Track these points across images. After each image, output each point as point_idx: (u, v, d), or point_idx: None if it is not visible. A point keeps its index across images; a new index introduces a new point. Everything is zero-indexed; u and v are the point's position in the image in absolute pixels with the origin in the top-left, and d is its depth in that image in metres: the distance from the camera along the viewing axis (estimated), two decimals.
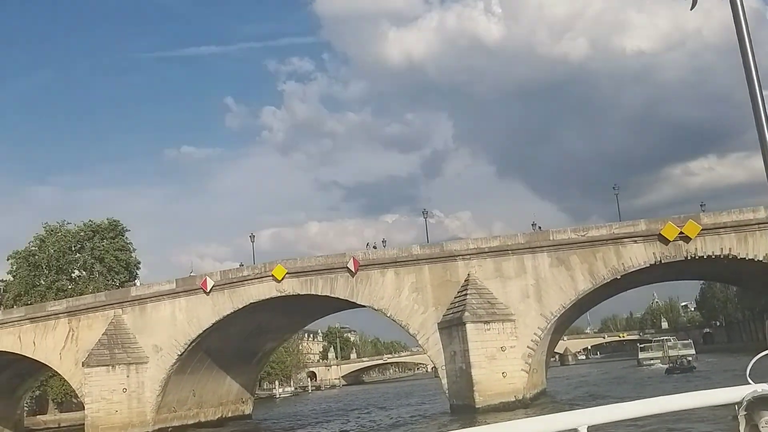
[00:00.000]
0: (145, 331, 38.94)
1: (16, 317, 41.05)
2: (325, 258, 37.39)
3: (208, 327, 38.03)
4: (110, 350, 37.83)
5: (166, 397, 38.88)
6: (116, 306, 39.54)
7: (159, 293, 39.29)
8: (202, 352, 39.94)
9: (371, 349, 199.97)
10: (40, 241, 73.89)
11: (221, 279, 38.33)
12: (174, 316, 38.67)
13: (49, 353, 40.07)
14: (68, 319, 40.01)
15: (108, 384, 37.04)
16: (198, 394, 41.88)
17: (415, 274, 36.36)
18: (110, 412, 36.82)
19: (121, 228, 77.07)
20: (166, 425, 39.11)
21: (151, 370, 38.32)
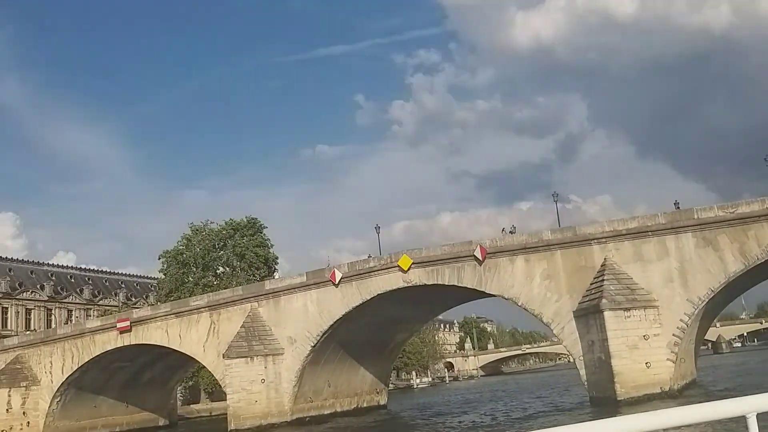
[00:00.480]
0: (280, 323, 39.92)
1: (162, 312, 43.42)
2: (451, 247, 36.60)
3: (338, 318, 38.36)
4: (248, 342, 39.09)
5: (302, 387, 39.67)
6: (252, 299, 40.81)
7: (291, 286, 40.13)
8: (335, 343, 40.39)
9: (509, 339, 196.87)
10: (187, 241, 78.13)
11: (349, 271, 38.54)
12: (306, 308, 39.35)
13: (193, 346, 42.06)
14: (209, 313, 41.79)
15: (247, 375, 38.29)
16: (333, 384, 42.46)
17: (546, 261, 34.78)
18: (250, 402, 38.05)
19: (259, 225, 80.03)
20: (304, 415, 39.92)
21: (287, 361, 39.22)
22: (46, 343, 46.64)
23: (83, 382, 46.74)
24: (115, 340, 44.32)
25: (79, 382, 46.52)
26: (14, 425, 44.97)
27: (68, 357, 45.61)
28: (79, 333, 45.87)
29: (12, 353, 47.33)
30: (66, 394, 46.32)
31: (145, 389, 52.15)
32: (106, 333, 44.67)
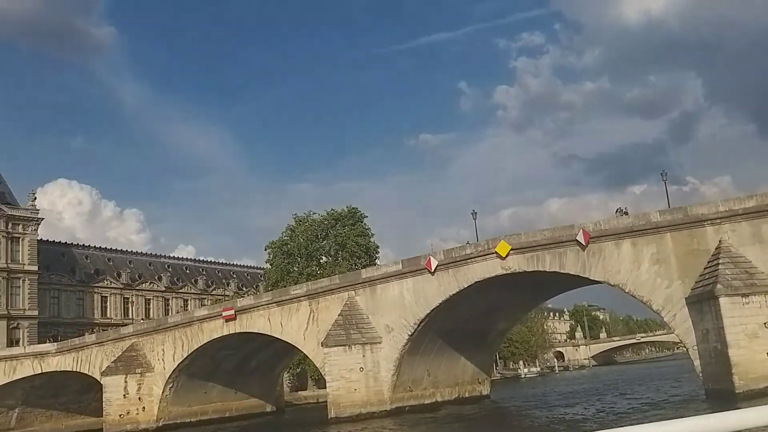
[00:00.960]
0: (377, 311, 39.69)
1: (264, 301, 44.23)
2: (552, 231, 35.02)
3: (435, 307, 37.67)
4: (346, 330, 39.11)
5: (401, 376, 39.32)
6: (349, 288, 40.81)
7: (387, 274, 39.80)
8: (433, 332, 39.75)
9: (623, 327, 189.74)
10: (291, 231, 79.72)
11: (445, 258, 37.73)
12: (402, 296, 38.90)
13: (294, 334, 42.60)
14: (309, 302, 42.16)
15: (346, 363, 38.33)
16: (432, 374, 41.88)
17: (655, 244, 32.61)
18: (349, 390, 38.08)
19: (360, 215, 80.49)
20: (403, 404, 39.59)
21: (385, 349, 38.97)
22: (159, 332, 48.63)
23: (193, 369, 48.42)
24: (221, 329, 45.58)
25: (189, 369, 48.23)
26: (131, 410, 47.21)
27: (178, 345, 47.37)
28: (188, 321, 47.52)
29: (128, 341, 49.68)
30: (178, 381, 48.14)
31: (252, 376, 53.52)
32: (213, 321, 46.02)
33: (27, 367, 52.45)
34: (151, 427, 47.00)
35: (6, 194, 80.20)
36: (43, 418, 56.26)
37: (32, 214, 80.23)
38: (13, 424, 54.69)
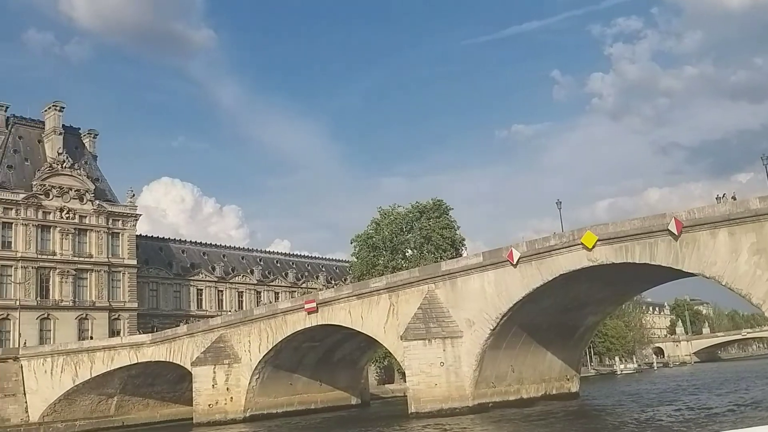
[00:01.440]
0: (457, 305, 38.77)
1: (345, 294, 44.16)
2: (642, 220, 33.02)
3: (518, 300, 36.39)
4: (426, 324, 38.41)
5: (484, 372, 38.29)
6: (429, 281, 40.07)
7: (467, 267, 38.79)
8: (516, 326, 38.48)
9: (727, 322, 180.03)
10: (376, 225, 79.76)
11: (528, 250, 36.35)
12: (483, 289, 37.81)
13: (374, 327, 42.29)
14: (388, 295, 41.72)
15: (425, 357, 37.66)
16: (517, 369, 40.61)
17: (755, 233, 30.16)
18: (430, 385, 37.40)
19: (445, 207, 79.56)
20: (486, 400, 38.56)
21: (466, 344, 38.02)
22: (245, 323, 49.49)
23: (278, 360, 49.02)
24: (303, 321, 45.88)
25: (274, 361, 48.85)
26: (219, 400, 48.29)
27: (264, 337, 48.05)
28: (272, 314, 48.12)
29: (216, 332, 50.84)
30: (263, 372, 48.85)
31: (336, 368, 53.75)
32: (296, 314, 46.40)
33: (124, 357, 54.60)
34: (238, 417, 47.93)
35: (106, 192, 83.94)
36: (140, 406, 58.52)
37: (131, 211, 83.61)
38: (113, 411, 57.17)
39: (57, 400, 54.12)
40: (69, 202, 77.78)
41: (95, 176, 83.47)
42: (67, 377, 54.50)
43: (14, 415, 53.01)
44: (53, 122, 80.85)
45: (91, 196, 79.53)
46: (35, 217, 74.97)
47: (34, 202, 74.94)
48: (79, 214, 78.47)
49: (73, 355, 55.08)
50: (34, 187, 75.67)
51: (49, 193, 76.53)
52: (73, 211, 77.79)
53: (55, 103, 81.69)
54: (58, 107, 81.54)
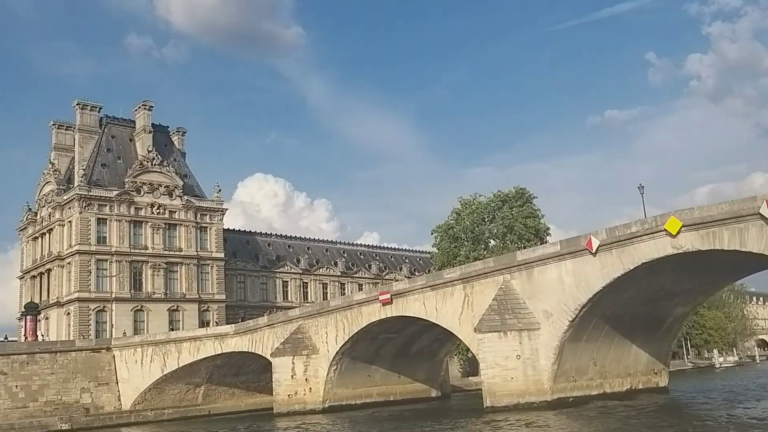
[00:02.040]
0: (534, 296, 37.36)
1: (419, 285, 43.46)
2: (731, 204, 30.63)
3: (597, 291, 34.64)
4: (501, 316, 37.22)
5: (563, 365, 36.76)
6: (504, 271, 38.80)
7: (544, 256, 37.26)
8: (597, 318, 36.71)
9: None
10: (456, 214, 78.55)
11: (607, 237, 34.49)
12: (561, 279, 36.22)
13: (449, 319, 41.42)
14: (462, 286, 40.74)
15: (501, 350, 36.50)
16: (599, 363, 38.81)
17: None
18: (506, 378, 36.23)
19: (528, 195, 77.43)
20: (566, 395, 37.03)
21: (544, 336, 36.59)
22: (322, 315, 49.66)
23: (356, 352, 48.93)
24: (378, 312, 45.53)
25: (352, 352, 48.79)
26: (298, 390, 48.71)
27: (340, 328, 48.05)
28: (348, 305, 48.02)
29: (295, 323, 51.28)
30: (341, 363, 48.89)
31: (415, 360, 53.22)
32: (371, 305, 46.10)
33: (209, 348, 55.97)
34: (317, 408, 48.19)
35: (194, 187, 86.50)
36: (227, 395, 59.93)
37: (218, 205, 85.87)
38: (200, 400, 58.79)
39: (147, 389, 56.08)
40: (159, 198, 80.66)
41: (183, 172, 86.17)
42: (156, 367, 56.39)
43: (108, 402, 55.31)
44: (143, 121, 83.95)
45: (179, 192, 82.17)
46: (128, 213, 78.14)
47: (126, 198, 78.09)
48: (169, 209, 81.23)
49: (161, 345, 56.93)
50: (126, 184, 78.86)
51: (141, 189, 79.56)
52: (163, 207, 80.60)
53: (145, 103, 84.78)
54: (147, 106, 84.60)
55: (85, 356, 55.73)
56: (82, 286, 73.44)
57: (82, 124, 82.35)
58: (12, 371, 51.60)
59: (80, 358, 55.37)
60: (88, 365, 55.51)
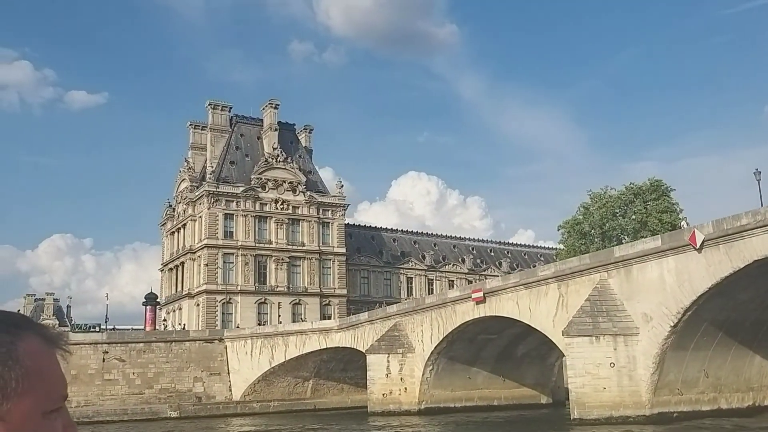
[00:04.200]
0: (633, 297, 33.22)
1: (512, 283, 40.37)
2: None
3: (702, 292, 30.07)
4: (593, 318, 33.45)
5: (665, 376, 32.39)
6: (601, 269, 34.90)
7: (643, 252, 32.99)
8: (707, 323, 31.97)
9: None
10: (585, 209, 73.75)
11: (714, 231, 29.82)
12: (662, 278, 31.88)
13: (542, 320, 38.07)
14: (557, 284, 37.24)
15: (592, 357, 32.78)
16: (712, 375, 33.85)
17: None
18: (597, 388, 32.49)
19: (665, 188, 71.15)
20: (669, 409, 32.60)
21: (643, 342, 32.41)
22: (417, 312, 47.79)
23: (452, 352, 46.61)
24: (471, 311, 42.96)
25: (448, 353, 46.53)
26: (393, 389, 47.18)
27: (435, 326, 45.95)
28: (442, 303, 45.81)
29: (393, 320, 49.81)
30: (438, 364, 46.77)
31: (521, 364, 49.88)
32: (465, 303, 43.60)
33: (314, 342, 55.93)
34: (413, 409, 46.41)
35: (318, 183, 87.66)
36: (335, 390, 59.71)
37: (340, 201, 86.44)
38: (308, 394, 58.99)
39: (256, 381, 57.02)
40: (283, 193, 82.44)
41: (308, 169, 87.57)
42: (265, 359, 57.20)
43: (219, 392, 56.84)
44: (270, 119, 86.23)
45: (303, 188, 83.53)
46: (253, 209, 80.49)
47: (252, 194, 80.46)
48: (292, 204, 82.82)
49: (269, 338, 57.68)
50: (252, 180, 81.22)
51: (265, 185, 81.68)
52: (286, 203, 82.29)
53: (271, 101, 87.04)
54: (273, 105, 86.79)
55: (199, 346, 57.60)
56: (209, 278, 76.54)
57: (213, 123, 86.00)
58: (130, 359, 54.33)
59: (194, 348, 57.31)
60: (201, 355, 57.33)
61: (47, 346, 1.35)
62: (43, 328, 1.40)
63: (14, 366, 1.27)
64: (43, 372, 1.31)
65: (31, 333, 1.34)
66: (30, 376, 1.28)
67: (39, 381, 1.29)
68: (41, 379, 1.30)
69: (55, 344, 1.38)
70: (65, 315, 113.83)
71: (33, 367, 1.29)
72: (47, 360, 1.33)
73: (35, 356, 1.31)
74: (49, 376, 1.31)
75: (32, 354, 1.31)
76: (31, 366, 1.29)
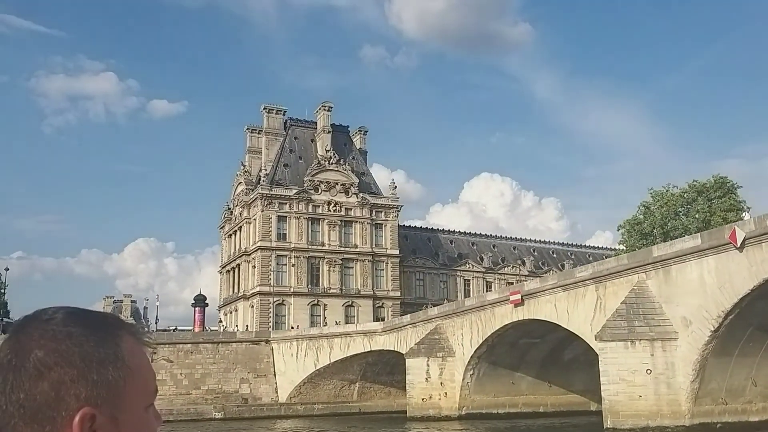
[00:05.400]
0: (672, 299, 31.15)
1: (550, 285, 38.68)
2: None
3: (744, 294, 27.83)
4: (629, 322, 31.53)
5: (707, 384, 30.20)
6: (639, 270, 32.91)
7: (682, 252, 30.83)
8: (753, 328, 29.63)
9: None
10: (645, 208, 70.87)
11: (756, 228, 27.54)
12: (702, 280, 29.72)
13: (580, 323, 36.29)
14: (595, 286, 35.40)
15: (626, 363, 30.90)
16: (762, 383, 31.38)
17: None
18: (632, 396, 30.58)
19: (730, 185, 67.47)
20: (712, 420, 30.39)
21: (682, 348, 30.33)
22: (458, 315, 46.55)
23: (494, 356, 45.16)
24: (510, 314, 41.47)
25: (490, 357, 45.12)
26: (433, 394, 46.06)
27: (474, 330, 44.64)
28: (481, 305, 44.45)
29: (434, 323, 48.72)
30: (479, 368, 45.44)
31: (569, 369, 47.85)
32: (503, 306, 42.16)
33: (358, 344, 55.41)
34: (453, 415, 45.26)
35: (371, 185, 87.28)
36: (382, 394, 59.00)
37: (393, 202, 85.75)
38: (355, 397, 58.50)
39: (302, 383, 56.92)
40: (336, 195, 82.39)
41: (361, 170, 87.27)
42: (310, 361, 57.04)
43: (265, 394, 57.01)
44: (323, 122, 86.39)
45: (355, 190, 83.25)
46: (306, 211, 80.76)
47: (304, 196, 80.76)
48: (345, 206, 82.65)
49: (314, 340, 57.49)
50: (305, 183, 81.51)
51: (318, 188, 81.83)
52: (339, 204, 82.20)
53: (324, 104, 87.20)
54: (326, 107, 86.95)
55: (245, 348, 57.96)
56: (263, 280, 77.15)
57: (268, 127, 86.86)
58: (177, 359, 55.11)
59: (240, 349, 57.69)
60: (248, 356, 57.64)
61: (139, 345, 1.43)
62: (133, 327, 1.46)
63: (122, 366, 1.35)
64: (141, 369, 1.39)
65: (125, 332, 1.41)
66: (133, 375, 1.36)
67: (139, 378, 1.38)
68: (140, 376, 1.38)
69: (145, 342, 1.45)
70: (142, 316, 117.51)
71: (134, 366, 1.37)
72: (142, 358, 1.41)
73: (134, 355, 1.39)
74: (145, 373, 1.40)
75: (132, 353, 1.39)
76: (132, 364, 1.37)
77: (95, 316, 1.42)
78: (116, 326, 1.41)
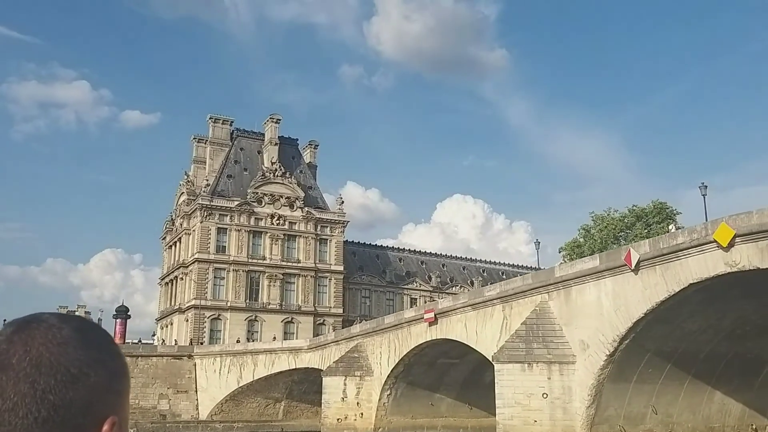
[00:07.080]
0: (571, 321, 30.24)
1: (460, 304, 37.61)
2: None
3: (638, 318, 26.98)
4: (527, 344, 30.53)
5: (604, 410, 29.24)
6: (542, 290, 32.01)
7: (581, 273, 29.98)
8: (650, 354, 28.75)
9: None
10: (585, 231, 70.68)
11: (650, 250, 26.76)
12: (600, 302, 28.87)
13: (488, 344, 35.14)
14: (502, 306, 34.41)
15: (523, 386, 29.84)
16: (662, 411, 30.48)
17: None
18: (527, 421, 29.48)
19: (669, 212, 67.51)
20: None
21: (579, 372, 29.38)
22: (377, 333, 45.29)
23: (412, 376, 43.91)
24: (425, 333, 40.31)
25: (407, 376, 43.87)
26: (348, 414, 44.63)
27: (392, 348, 43.40)
28: (398, 323, 43.24)
29: (354, 341, 47.39)
30: (396, 388, 44.15)
31: (490, 391, 46.30)
32: (419, 324, 40.97)
33: (284, 362, 53.85)
34: None
35: (318, 199, 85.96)
36: (309, 413, 57.36)
37: (339, 218, 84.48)
38: (281, 416, 56.82)
39: (224, 400, 55.17)
40: (279, 209, 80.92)
41: (308, 184, 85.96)
42: (233, 378, 55.34)
43: (185, 411, 55.13)
44: (271, 133, 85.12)
45: (300, 204, 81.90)
46: (248, 223, 79.10)
47: (246, 209, 79.12)
48: (289, 220, 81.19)
49: (239, 356, 55.82)
50: (248, 194, 79.93)
51: (262, 200, 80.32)
52: (283, 218, 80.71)
53: (272, 116, 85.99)
54: (274, 119, 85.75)
55: (167, 362, 56.08)
56: (199, 293, 75.21)
57: (214, 137, 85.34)
58: None
59: (161, 363, 55.81)
60: (169, 372, 55.77)
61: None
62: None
63: (128, 378, 1.49)
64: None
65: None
66: (129, 385, 1.51)
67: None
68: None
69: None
70: None
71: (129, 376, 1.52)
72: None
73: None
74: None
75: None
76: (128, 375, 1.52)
77: (100, 328, 1.49)
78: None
